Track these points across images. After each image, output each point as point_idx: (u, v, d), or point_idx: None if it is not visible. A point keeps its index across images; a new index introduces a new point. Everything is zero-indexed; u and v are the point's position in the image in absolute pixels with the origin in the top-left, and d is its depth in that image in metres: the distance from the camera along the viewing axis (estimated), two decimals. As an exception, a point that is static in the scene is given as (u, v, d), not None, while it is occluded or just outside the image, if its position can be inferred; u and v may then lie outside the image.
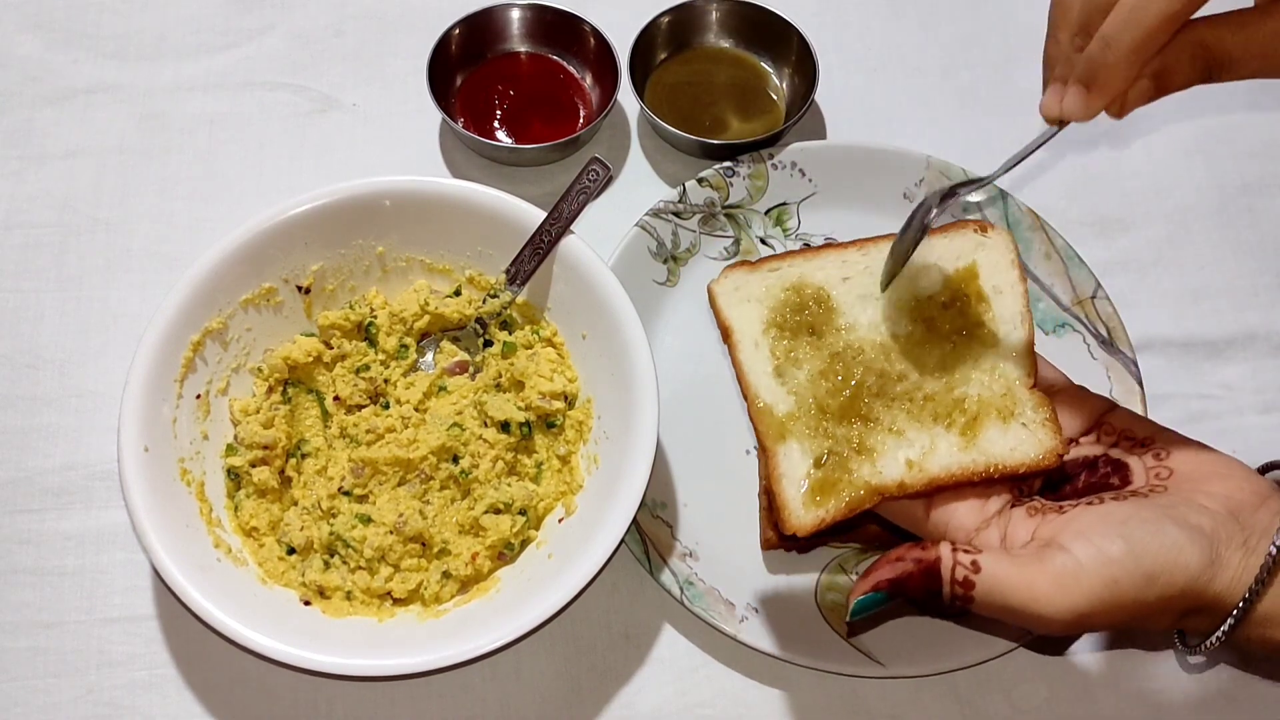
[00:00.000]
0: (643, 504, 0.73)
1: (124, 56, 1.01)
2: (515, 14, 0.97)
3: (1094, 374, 0.86)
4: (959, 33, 1.04)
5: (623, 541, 0.73)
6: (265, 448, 0.79)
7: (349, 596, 0.76)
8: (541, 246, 0.80)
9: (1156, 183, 0.98)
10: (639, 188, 0.96)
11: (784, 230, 0.93)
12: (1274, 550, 0.56)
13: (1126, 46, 0.55)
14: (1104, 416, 0.65)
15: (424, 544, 0.78)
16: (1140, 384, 0.85)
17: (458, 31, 0.96)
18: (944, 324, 0.67)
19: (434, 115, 0.97)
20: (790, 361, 0.67)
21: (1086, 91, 0.58)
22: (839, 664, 0.76)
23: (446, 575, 0.77)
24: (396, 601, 0.77)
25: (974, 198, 0.91)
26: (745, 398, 0.66)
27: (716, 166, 0.92)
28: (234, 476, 0.80)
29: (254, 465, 0.79)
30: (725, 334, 0.68)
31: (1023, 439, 0.63)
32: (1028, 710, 0.77)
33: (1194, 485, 0.60)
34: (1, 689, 0.77)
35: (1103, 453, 0.63)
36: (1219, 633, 0.57)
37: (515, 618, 0.70)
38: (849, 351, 0.66)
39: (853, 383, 0.65)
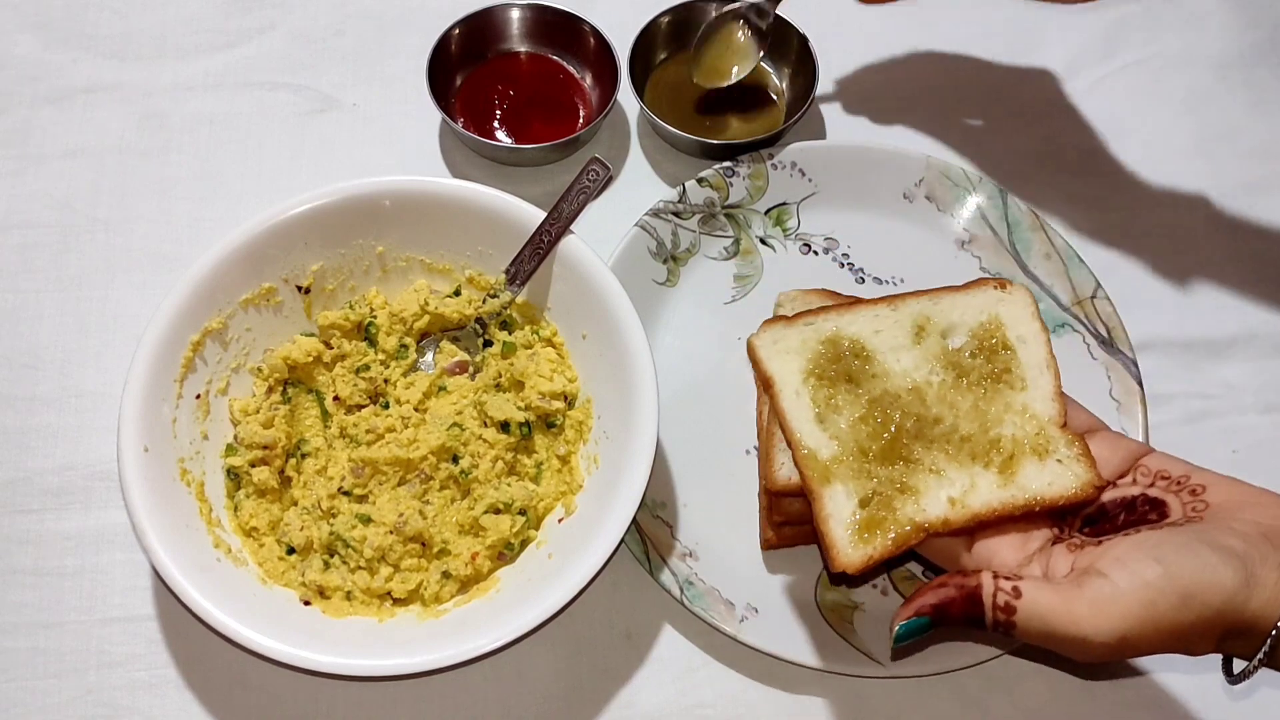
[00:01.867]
0: (643, 504, 0.73)
1: (124, 56, 1.01)
2: (515, 14, 0.97)
3: (1094, 374, 0.86)
4: (959, 32, 1.04)
5: (623, 541, 0.73)
6: (265, 448, 0.79)
7: (349, 596, 0.76)
8: (541, 246, 0.80)
9: (1156, 183, 0.98)
10: (639, 188, 0.96)
11: (784, 230, 0.93)
12: None
13: None
14: (1140, 460, 0.66)
15: (424, 544, 0.78)
16: (1140, 384, 0.85)
17: (458, 31, 0.96)
18: (973, 371, 0.70)
19: (434, 115, 0.97)
20: (830, 409, 0.69)
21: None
22: (839, 664, 0.76)
23: (446, 575, 0.77)
24: (396, 601, 0.77)
25: (975, 199, 0.91)
26: (790, 445, 0.69)
27: (716, 166, 0.92)
28: (234, 476, 0.80)
29: (254, 465, 0.79)
30: (767, 384, 0.72)
31: (1059, 474, 0.66)
32: (1029, 710, 0.77)
33: (1229, 514, 0.60)
34: (1, 689, 0.77)
35: (1140, 493, 0.64)
36: (1259, 655, 0.57)
37: (515, 618, 0.70)
38: (886, 398, 0.69)
39: (892, 427, 0.68)
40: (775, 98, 0.98)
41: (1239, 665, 0.60)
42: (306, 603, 0.76)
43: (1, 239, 0.92)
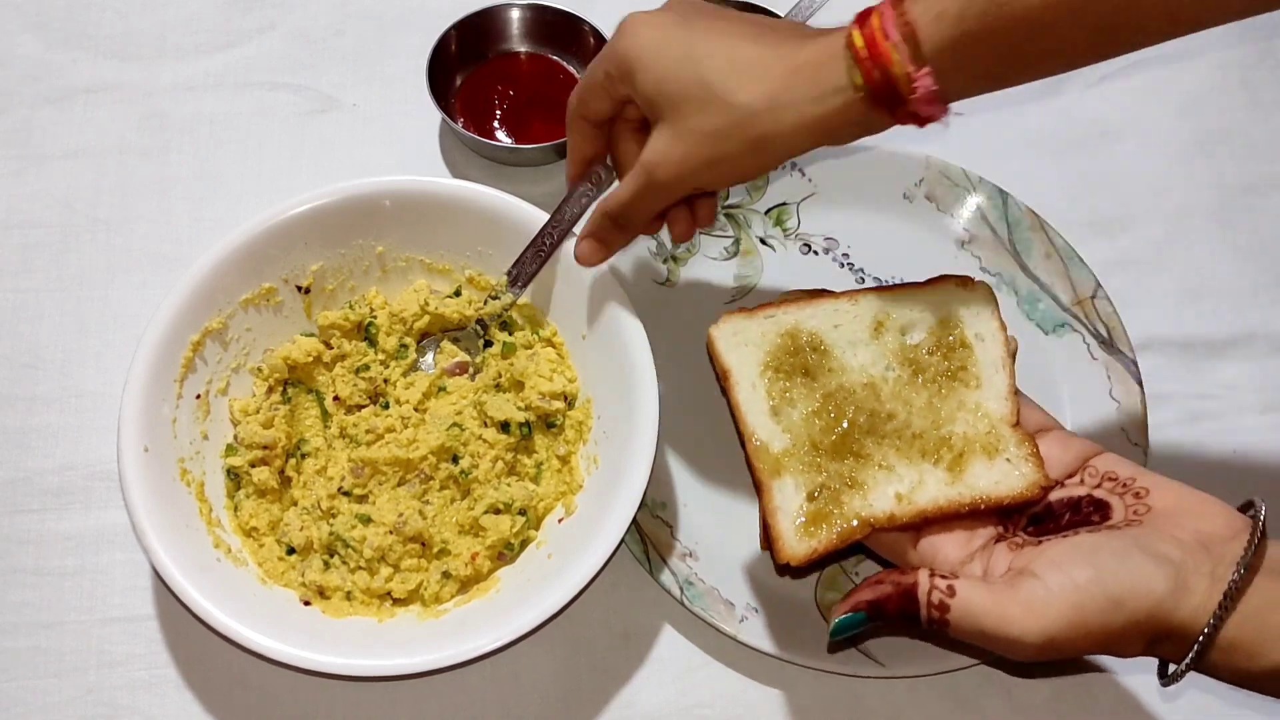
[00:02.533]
0: (643, 504, 0.73)
1: (124, 56, 1.01)
2: (515, 14, 0.97)
3: (1094, 374, 0.86)
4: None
5: (623, 541, 0.73)
6: (265, 448, 0.79)
7: (349, 596, 0.76)
8: (544, 249, 0.80)
9: (1156, 183, 0.98)
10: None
11: (784, 230, 0.93)
12: (1237, 577, 0.56)
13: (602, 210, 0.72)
14: (1089, 460, 0.66)
15: (424, 544, 0.78)
16: (1140, 384, 0.85)
17: (458, 31, 0.96)
18: (929, 368, 0.70)
19: (434, 115, 0.97)
20: (785, 401, 0.70)
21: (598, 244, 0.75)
22: (839, 664, 0.76)
23: (446, 575, 0.77)
24: (396, 602, 0.77)
25: (975, 199, 0.91)
26: (741, 436, 0.69)
27: (716, 166, 0.92)
28: (234, 476, 0.80)
29: (254, 465, 0.79)
30: (724, 376, 0.71)
31: (1007, 473, 0.66)
32: (1028, 710, 0.77)
33: (1169, 519, 0.61)
34: (2, 689, 0.77)
35: (1086, 493, 0.65)
36: (1186, 660, 0.58)
37: (515, 618, 0.70)
38: (841, 392, 0.70)
39: (845, 421, 0.69)
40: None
41: (1171, 667, 0.60)
42: (306, 603, 0.76)
43: (1, 239, 0.92)
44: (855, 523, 0.65)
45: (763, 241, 0.92)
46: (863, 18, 0.62)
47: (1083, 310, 0.88)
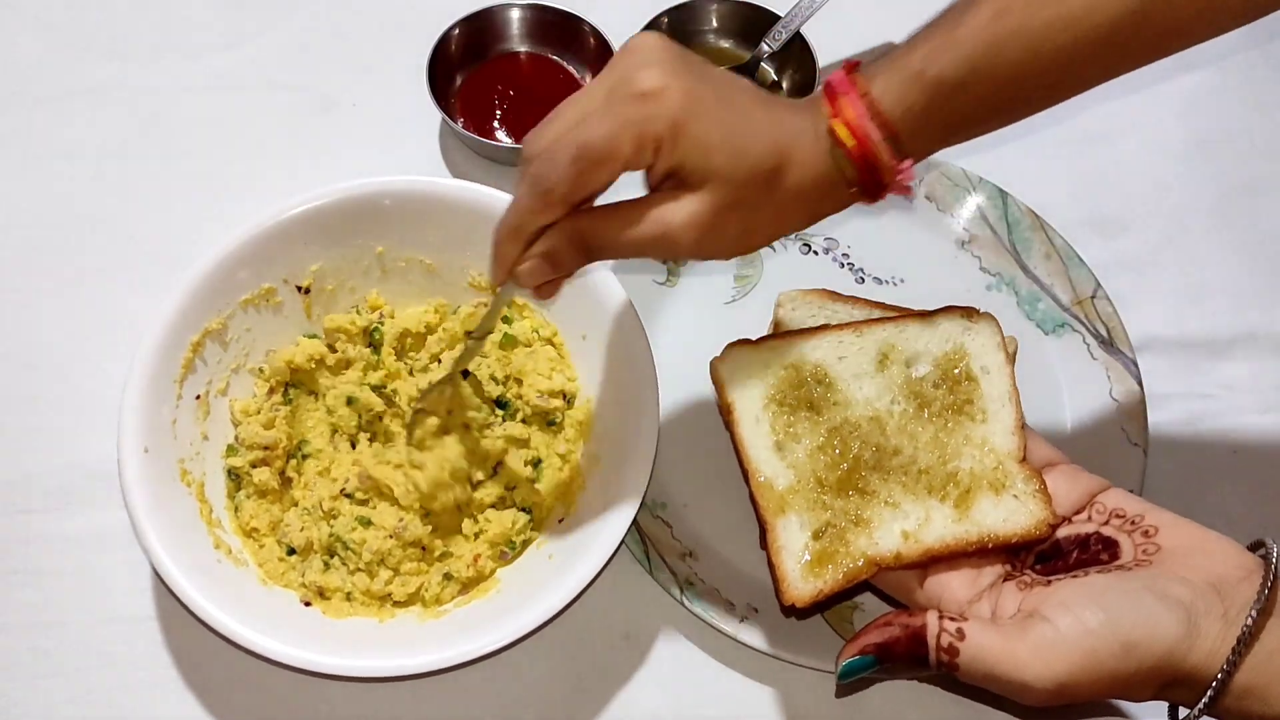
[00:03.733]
0: (643, 504, 0.73)
1: (124, 56, 1.01)
2: (515, 14, 0.98)
3: (1094, 374, 0.86)
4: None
5: (623, 542, 0.73)
6: (266, 448, 0.79)
7: (349, 597, 0.76)
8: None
9: (1156, 183, 0.98)
10: (638, 188, 0.96)
11: (784, 230, 0.93)
12: (1250, 622, 0.56)
13: (499, 236, 0.63)
14: (1097, 496, 0.66)
15: (424, 548, 0.78)
16: (1140, 384, 0.85)
17: (458, 31, 0.96)
18: (935, 402, 0.69)
19: (434, 115, 0.97)
20: (790, 436, 0.69)
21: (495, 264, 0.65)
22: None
23: (447, 577, 0.77)
24: (397, 603, 0.77)
25: (975, 198, 0.91)
26: (745, 472, 0.68)
27: (716, 166, 0.92)
28: (234, 477, 0.80)
29: (254, 466, 0.79)
30: (727, 410, 0.71)
31: (1014, 510, 0.65)
32: (1029, 710, 0.77)
33: (1179, 559, 0.60)
34: (1, 689, 0.77)
35: (1095, 530, 0.64)
36: (1199, 706, 0.57)
37: (515, 619, 0.70)
38: (846, 427, 0.69)
39: (850, 457, 0.68)
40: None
41: (1183, 711, 0.60)
42: (307, 603, 0.76)
43: (2, 239, 0.92)
44: (861, 562, 0.64)
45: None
46: (833, 100, 0.62)
47: (1083, 310, 0.88)
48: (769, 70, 0.99)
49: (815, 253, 0.92)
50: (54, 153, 0.96)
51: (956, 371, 0.70)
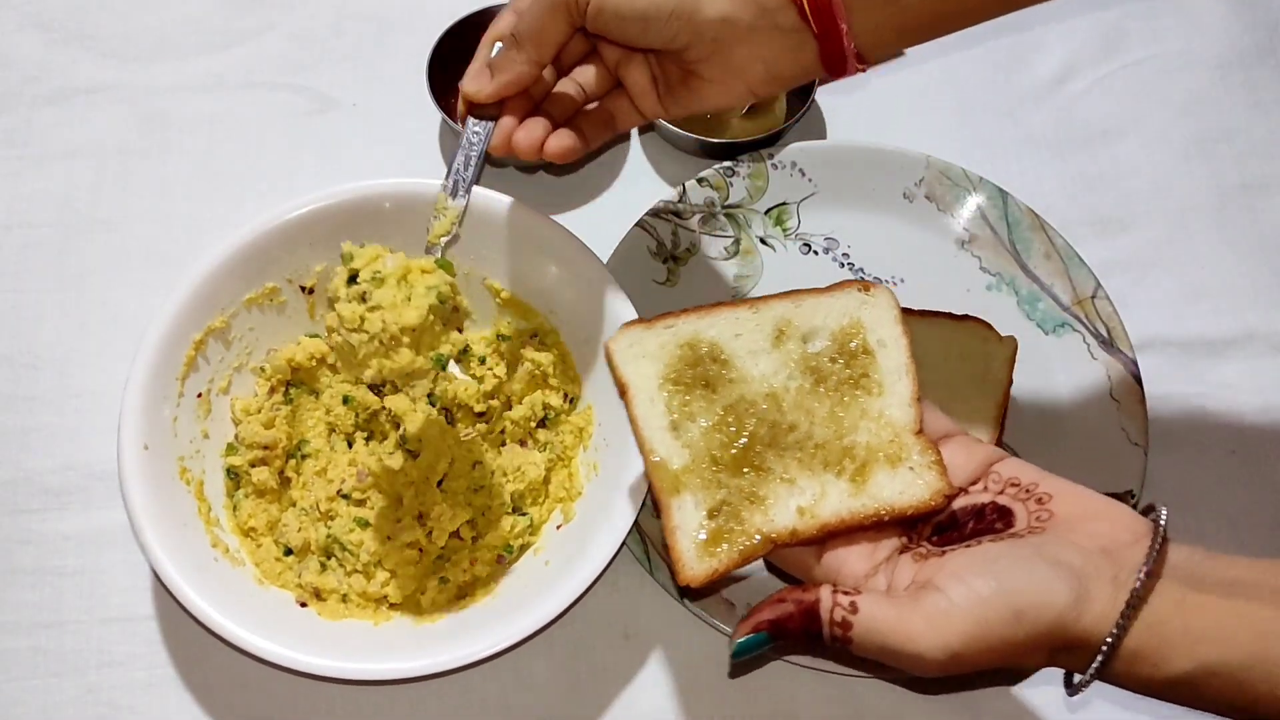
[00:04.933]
0: (643, 504, 0.73)
1: (124, 56, 1.01)
2: (515, 14, 0.97)
3: (1094, 374, 0.86)
4: (959, 32, 1.04)
5: (621, 548, 0.72)
6: (265, 448, 0.79)
7: (345, 599, 0.76)
8: (471, 152, 0.78)
9: (1156, 183, 0.98)
10: (639, 188, 0.96)
11: (784, 230, 0.93)
12: (1139, 584, 0.56)
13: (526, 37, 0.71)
14: (993, 466, 0.66)
15: (421, 550, 0.78)
16: (1140, 384, 0.85)
17: (458, 31, 0.96)
18: (832, 376, 0.69)
19: (434, 115, 0.97)
20: (685, 416, 0.68)
21: (489, 75, 0.74)
22: (839, 664, 0.76)
23: (444, 580, 0.77)
24: (392, 606, 0.77)
25: (975, 198, 0.91)
26: (641, 452, 0.67)
27: (716, 166, 0.92)
28: (233, 476, 0.80)
29: (253, 465, 0.79)
30: (622, 390, 0.70)
31: (910, 482, 0.65)
32: (1029, 710, 0.77)
33: (1071, 526, 0.60)
34: (1, 689, 0.77)
35: (990, 500, 0.64)
36: (1089, 671, 0.57)
37: (510, 624, 0.70)
38: (742, 404, 0.68)
39: (746, 434, 0.67)
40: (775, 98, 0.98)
41: (1077, 678, 0.60)
42: (303, 604, 0.76)
43: (2, 239, 0.92)
44: (758, 539, 0.64)
45: (763, 241, 0.92)
46: None
47: (1083, 310, 0.88)
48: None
49: (815, 252, 0.92)
50: (54, 153, 0.96)
51: (853, 345, 0.69)
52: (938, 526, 0.65)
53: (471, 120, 0.77)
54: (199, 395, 0.79)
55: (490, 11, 0.97)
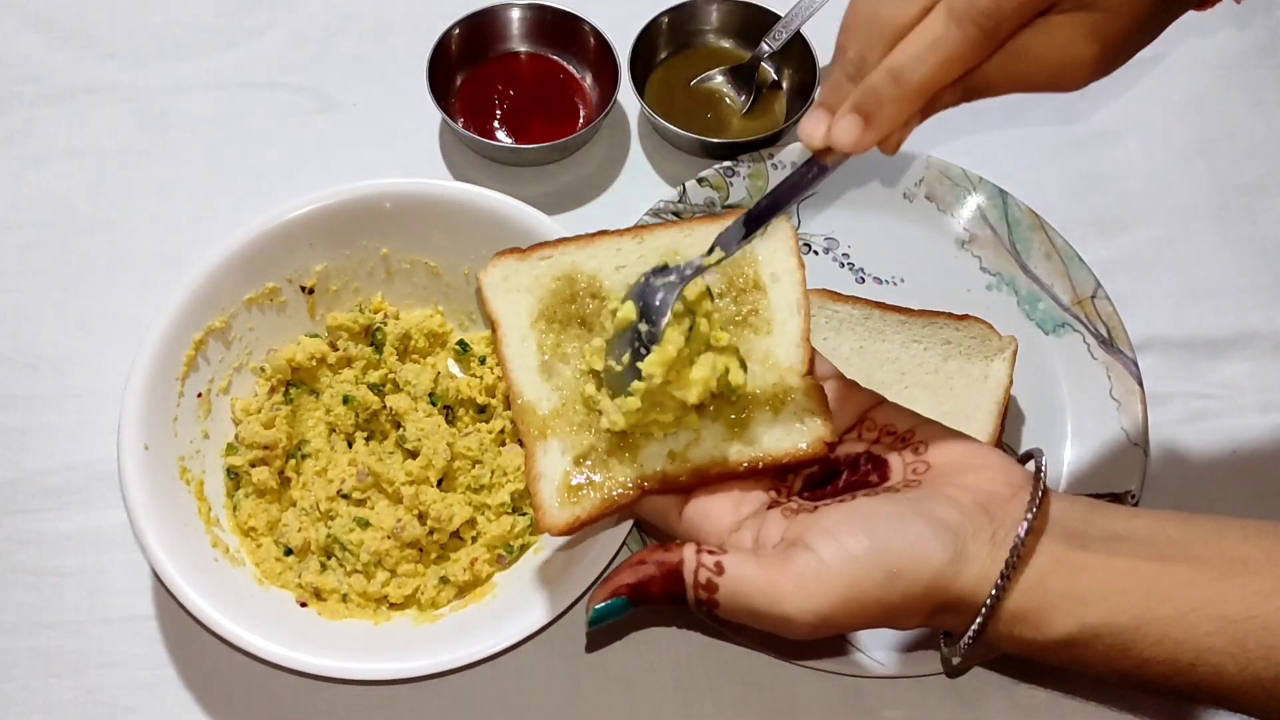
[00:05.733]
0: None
1: (124, 56, 1.01)
2: (515, 14, 0.97)
3: (1094, 374, 0.86)
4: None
5: (621, 548, 0.72)
6: (265, 448, 0.79)
7: (345, 599, 0.76)
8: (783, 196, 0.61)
9: (1156, 183, 0.98)
10: (639, 188, 0.96)
11: (784, 230, 0.93)
12: (1018, 543, 0.54)
13: (917, 82, 0.53)
14: (868, 412, 0.63)
15: (421, 549, 0.78)
16: (1140, 384, 0.85)
17: (458, 31, 0.96)
18: (716, 314, 0.63)
19: (434, 115, 0.97)
20: (558, 357, 0.64)
21: (863, 123, 0.55)
22: (839, 664, 0.76)
23: (444, 580, 0.77)
24: (393, 605, 0.77)
25: (975, 198, 0.91)
26: (509, 394, 0.64)
27: (716, 166, 0.92)
28: (233, 476, 0.80)
29: (254, 465, 0.79)
30: (492, 327, 0.65)
31: (790, 428, 0.61)
32: (1028, 709, 0.77)
33: (948, 478, 0.58)
34: (1, 689, 0.77)
35: (865, 450, 0.61)
36: (969, 633, 0.55)
37: (511, 624, 0.70)
38: None
39: None
40: (775, 97, 0.99)
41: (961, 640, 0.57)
42: (303, 604, 0.76)
43: (1, 239, 0.92)
44: (623, 487, 0.60)
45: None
46: None
47: (1083, 310, 0.88)
48: (769, 70, 0.99)
49: (815, 252, 0.92)
50: (54, 153, 0.96)
51: (742, 280, 0.64)
52: (809, 479, 0.62)
53: (817, 164, 0.59)
54: (199, 395, 0.79)
55: (490, 11, 0.97)
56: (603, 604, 0.57)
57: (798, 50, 0.97)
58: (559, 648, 0.78)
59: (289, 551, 0.78)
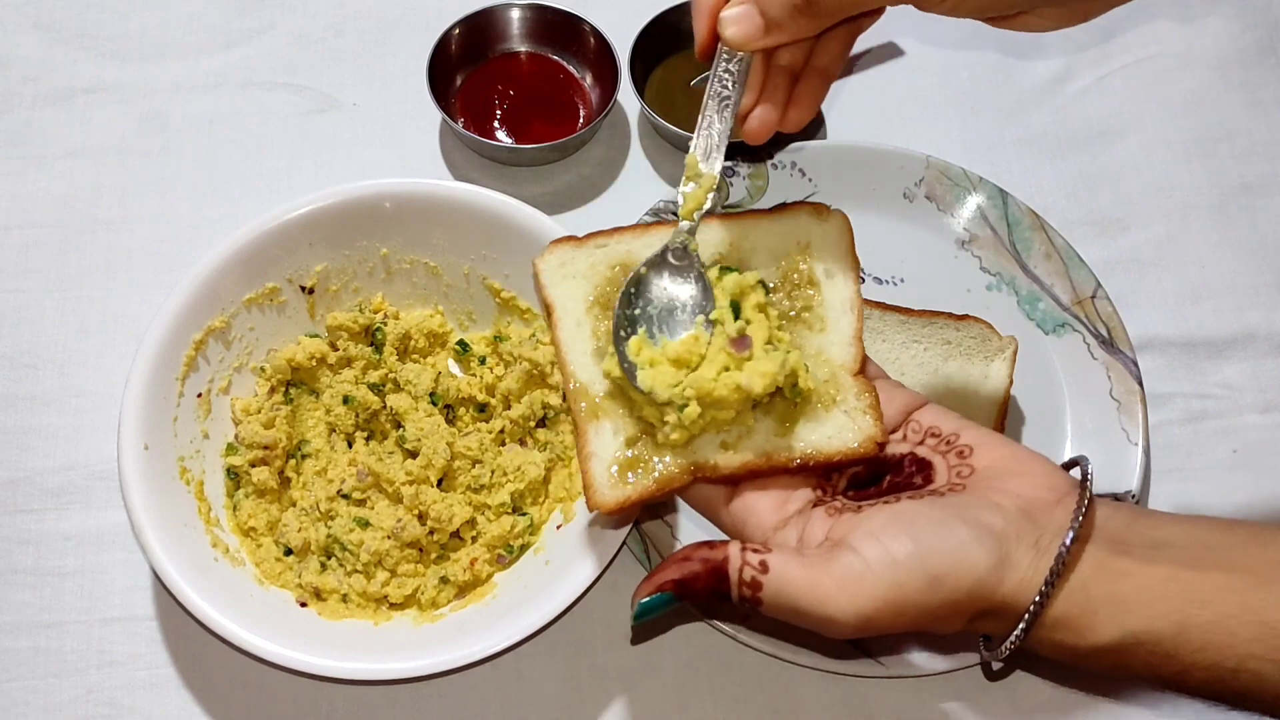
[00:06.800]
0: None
1: (124, 56, 1.01)
2: (515, 14, 0.97)
3: (1094, 374, 0.86)
4: (959, 32, 1.04)
5: (621, 548, 0.72)
6: (265, 448, 0.79)
7: (345, 599, 0.76)
8: (725, 99, 0.65)
9: (1156, 183, 0.98)
10: (639, 188, 0.96)
11: (784, 230, 0.93)
12: (1063, 550, 0.54)
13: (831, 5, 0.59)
14: (913, 414, 0.63)
15: (421, 549, 0.78)
16: (1140, 384, 0.85)
17: (458, 31, 0.96)
18: (771, 308, 0.64)
19: (434, 115, 0.97)
20: (612, 342, 0.64)
21: (761, 24, 0.60)
22: (839, 664, 0.76)
23: (444, 580, 0.77)
24: (393, 605, 0.77)
25: (975, 198, 0.91)
26: (562, 375, 0.64)
27: (716, 166, 0.92)
28: (233, 476, 0.80)
29: (254, 465, 0.79)
30: (548, 311, 0.66)
31: (842, 426, 0.61)
32: (1028, 709, 0.77)
33: (992, 483, 0.58)
34: (1, 689, 0.77)
35: (909, 451, 0.62)
36: (1012, 638, 0.55)
37: (510, 624, 0.70)
38: None
39: None
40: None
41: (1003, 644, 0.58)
42: (303, 604, 0.76)
43: (1, 239, 0.92)
44: (675, 472, 0.60)
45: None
46: None
47: (1083, 310, 0.88)
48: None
49: (815, 253, 0.92)
50: (54, 153, 0.96)
51: (797, 275, 0.65)
52: (854, 478, 0.63)
53: (724, 60, 0.64)
54: (199, 395, 0.79)
55: (490, 11, 0.97)
56: (647, 599, 0.57)
57: (798, 50, 0.96)
58: (559, 648, 0.79)
59: (289, 551, 0.78)
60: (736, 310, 0.63)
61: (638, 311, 0.64)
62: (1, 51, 1.00)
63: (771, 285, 0.64)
